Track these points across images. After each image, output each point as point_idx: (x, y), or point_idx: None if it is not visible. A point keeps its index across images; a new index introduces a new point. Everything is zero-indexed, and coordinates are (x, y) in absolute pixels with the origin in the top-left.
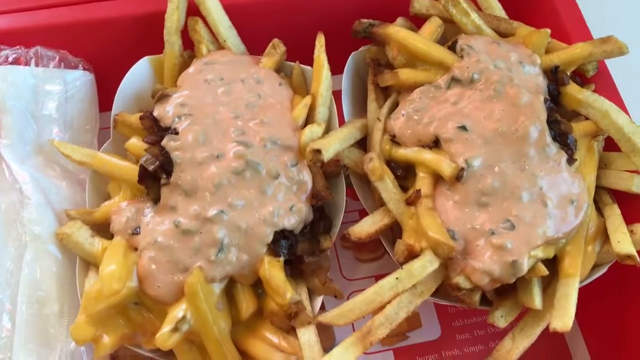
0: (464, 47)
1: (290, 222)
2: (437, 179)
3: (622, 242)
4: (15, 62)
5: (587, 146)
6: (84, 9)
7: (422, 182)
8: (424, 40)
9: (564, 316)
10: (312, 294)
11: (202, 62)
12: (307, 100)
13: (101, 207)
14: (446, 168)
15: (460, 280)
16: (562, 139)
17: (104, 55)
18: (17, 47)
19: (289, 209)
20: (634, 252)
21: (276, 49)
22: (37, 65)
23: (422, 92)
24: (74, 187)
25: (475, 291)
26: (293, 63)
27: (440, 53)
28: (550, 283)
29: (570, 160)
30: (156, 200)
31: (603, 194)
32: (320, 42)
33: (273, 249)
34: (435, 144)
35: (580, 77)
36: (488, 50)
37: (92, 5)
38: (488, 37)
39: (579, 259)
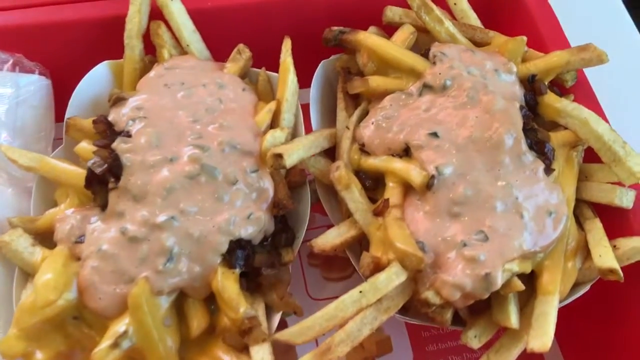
0: (437, 53)
1: (248, 231)
2: (408, 189)
3: (604, 256)
4: None
5: (565, 156)
6: (42, 11)
7: (391, 192)
8: (395, 47)
9: (542, 335)
10: (270, 311)
11: (163, 67)
12: (272, 105)
13: (45, 214)
14: (416, 176)
15: (429, 295)
16: (539, 147)
17: (62, 60)
18: None
19: (246, 217)
20: (616, 266)
21: (241, 54)
22: None
23: (392, 100)
24: (21, 195)
25: (447, 308)
26: (260, 70)
27: (412, 59)
28: (528, 301)
29: (548, 170)
30: (104, 206)
31: (584, 207)
32: (286, 46)
33: (228, 259)
34: (405, 152)
35: (559, 87)
36: (462, 57)
37: (51, 7)
38: (462, 45)
39: (558, 275)
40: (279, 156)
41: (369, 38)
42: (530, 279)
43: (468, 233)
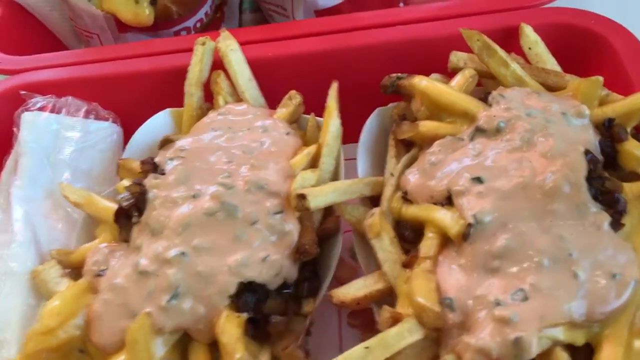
0: (496, 96)
1: (262, 274)
2: (446, 240)
3: None
4: (42, 109)
5: None
6: (117, 64)
7: (428, 243)
8: (449, 90)
9: None
10: None
11: (217, 113)
12: (311, 148)
13: (80, 248)
14: (452, 225)
15: (448, 359)
16: (607, 198)
17: (133, 109)
18: (49, 96)
19: (261, 260)
20: None
21: (292, 100)
22: (65, 114)
23: (441, 145)
24: (70, 230)
25: None
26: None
27: (466, 102)
28: None
29: (617, 225)
30: (127, 240)
31: None
32: (332, 90)
33: (236, 303)
34: (448, 200)
35: None
36: (525, 99)
37: (126, 61)
38: (528, 88)
39: (619, 351)
40: (303, 197)
41: (423, 81)
42: (587, 355)
43: (505, 291)
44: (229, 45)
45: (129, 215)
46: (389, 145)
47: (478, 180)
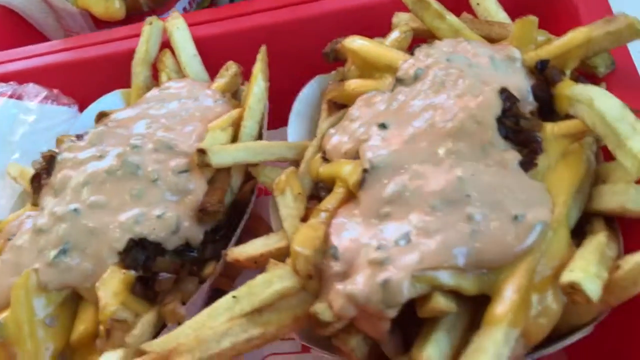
0: (422, 47)
1: (155, 231)
2: (351, 194)
3: (576, 269)
4: (2, 95)
5: (563, 150)
6: (76, 52)
7: (330, 197)
8: (377, 46)
9: None
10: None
11: (158, 89)
12: (233, 112)
13: (8, 216)
14: (351, 174)
15: (319, 308)
16: (520, 137)
17: (92, 94)
18: (11, 82)
19: (156, 217)
20: (580, 280)
21: (228, 70)
22: (25, 99)
23: (362, 100)
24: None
25: (352, 334)
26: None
27: (390, 55)
28: None
29: (528, 165)
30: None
31: (595, 220)
32: (260, 54)
33: (125, 260)
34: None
35: (591, 78)
36: (452, 47)
37: (84, 49)
38: (461, 38)
39: (515, 300)
40: (203, 152)
41: (354, 41)
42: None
43: (390, 237)
44: (175, 24)
45: (40, 179)
46: (322, 109)
47: (382, 126)
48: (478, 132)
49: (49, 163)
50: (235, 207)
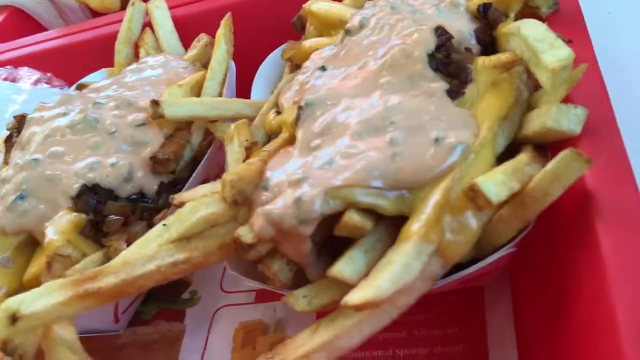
0: (373, 1)
1: (108, 178)
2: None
3: (481, 177)
4: None
5: (492, 80)
6: (67, 38)
7: (274, 141)
8: (331, 5)
9: (366, 287)
10: None
11: (136, 63)
12: (197, 75)
13: None
14: (289, 115)
15: (241, 231)
16: (450, 69)
17: (83, 76)
18: (7, 66)
19: (110, 165)
20: (479, 181)
21: (199, 42)
22: (19, 81)
23: (315, 54)
24: None
25: (275, 258)
26: None
27: (342, 10)
28: None
29: (454, 93)
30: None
31: (525, 148)
32: (223, 21)
33: (77, 204)
34: None
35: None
36: (400, 0)
37: (74, 35)
38: None
39: (430, 216)
40: (156, 103)
41: (312, 4)
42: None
43: (318, 163)
44: (155, 4)
45: (12, 138)
46: (284, 71)
47: (322, 69)
48: (408, 65)
49: (20, 123)
50: (196, 163)
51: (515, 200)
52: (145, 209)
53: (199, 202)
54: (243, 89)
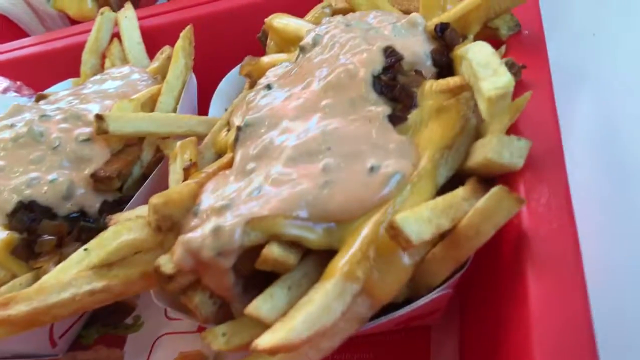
0: (330, 18)
1: (46, 195)
2: None
3: (406, 213)
4: None
5: (438, 106)
6: (38, 47)
7: (216, 162)
8: (291, 21)
9: (278, 330)
10: None
11: (100, 74)
12: (153, 88)
13: None
14: (230, 135)
15: (162, 260)
16: (394, 92)
17: (52, 84)
18: None
19: (48, 181)
20: (398, 219)
21: (162, 54)
22: None
23: (270, 72)
24: None
25: (198, 290)
26: None
27: (299, 26)
28: None
29: (398, 119)
30: None
31: (470, 181)
32: (182, 33)
33: (11, 222)
34: None
35: (495, 44)
36: (357, 16)
37: (45, 44)
38: (374, 10)
39: (356, 253)
40: (100, 118)
41: (273, 19)
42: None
43: (247, 189)
44: (124, 14)
45: None
46: (244, 88)
47: (268, 87)
48: (351, 86)
49: None
50: (145, 180)
51: (449, 239)
52: (84, 229)
53: (122, 226)
54: (205, 104)
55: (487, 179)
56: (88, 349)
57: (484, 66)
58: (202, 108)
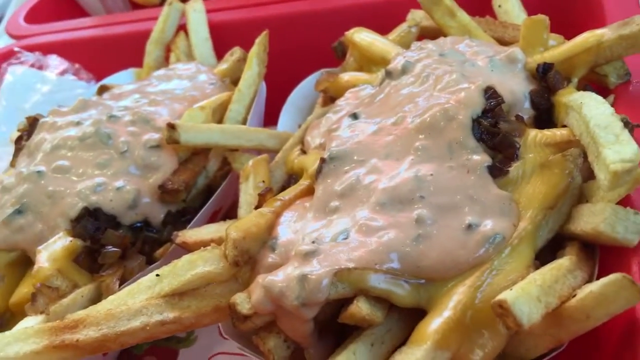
0: (423, 42)
1: (112, 203)
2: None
3: (515, 289)
4: (24, 63)
5: (543, 160)
6: (102, 29)
7: (292, 188)
8: (375, 38)
9: None
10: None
11: (165, 69)
12: (223, 95)
13: None
14: (311, 164)
15: (238, 299)
16: (496, 140)
17: (113, 71)
18: (36, 53)
19: (115, 188)
20: (509, 298)
21: (232, 56)
22: (46, 70)
23: (350, 93)
24: None
25: (273, 333)
26: None
27: (385, 48)
28: None
29: (498, 171)
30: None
31: (571, 245)
32: (258, 39)
33: (75, 228)
34: None
35: (601, 91)
36: (450, 44)
37: (109, 27)
38: (466, 37)
39: (450, 319)
40: (172, 127)
41: (355, 33)
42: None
43: (332, 232)
44: (193, 6)
45: (22, 141)
46: (317, 102)
47: (354, 116)
48: (448, 129)
49: (32, 125)
50: (210, 192)
51: (551, 316)
52: (147, 239)
53: (198, 257)
54: (273, 112)
55: (590, 244)
56: (138, 358)
57: (604, 129)
58: (268, 115)
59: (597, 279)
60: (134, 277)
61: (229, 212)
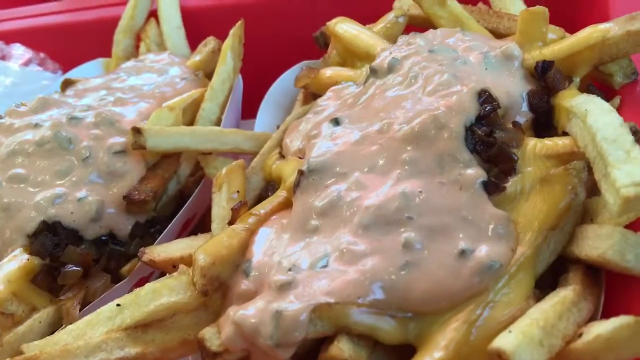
0: (410, 35)
1: (73, 216)
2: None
3: (515, 331)
4: None
5: (543, 174)
6: (65, 15)
7: (269, 200)
8: (360, 30)
9: None
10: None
11: (134, 60)
12: (194, 92)
13: None
14: (289, 175)
15: (207, 334)
16: (490, 152)
17: (80, 60)
18: None
19: (77, 200)
20: (508, 348)
21: (206, 46)
22: (8, 60)
23: (332, 92)
24: None
25: None
26: None
27: (370, 41)
28: None
29: (494, 188)
30: None
31: (574, 270)
32: (233, 30)
33: (33, 244)
34: None
35: (606, 90)
36: (441, 38)
37: (74, 12)
38: (458, 29)
39: (444, 355)
40: (138, 132)
41: (338, 24)
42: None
43: (308, 257)
44: None
45: None
46: (297, 99)
47: (335, 122)
48: (438, 139)
49: None
50: (182, 199)
51: (556, 356)
52: (113, 254)
53: (162, 285)
54: (250, 106)
55: (595, 268)
56: None
57: (613, 143)
58: (245, 110)
59: (603, 307)
60: (97, 298)
61: (205, 216)
